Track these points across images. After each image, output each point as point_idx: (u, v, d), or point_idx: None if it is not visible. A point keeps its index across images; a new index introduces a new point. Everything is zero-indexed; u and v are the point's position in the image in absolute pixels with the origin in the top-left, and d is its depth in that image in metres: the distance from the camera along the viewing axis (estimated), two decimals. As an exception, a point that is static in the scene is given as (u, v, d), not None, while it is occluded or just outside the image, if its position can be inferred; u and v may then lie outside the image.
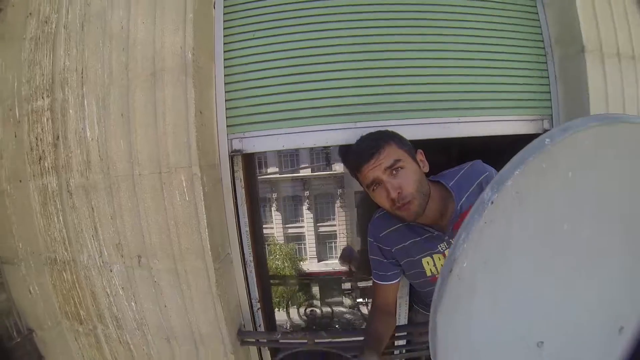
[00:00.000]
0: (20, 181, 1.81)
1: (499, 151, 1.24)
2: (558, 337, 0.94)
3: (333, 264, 16.27)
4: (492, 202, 0.71)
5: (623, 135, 0.82)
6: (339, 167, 12.33)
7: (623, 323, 0.99)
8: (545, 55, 1.85)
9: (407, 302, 2.00)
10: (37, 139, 1.79)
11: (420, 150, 1.49)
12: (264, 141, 1.75)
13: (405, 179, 1.35)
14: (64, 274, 1.85)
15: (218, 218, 1.73)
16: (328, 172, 15.17)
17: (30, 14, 1.81)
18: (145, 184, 1.63)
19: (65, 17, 1.74)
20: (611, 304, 0.96)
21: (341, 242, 17.29)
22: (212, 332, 1.69)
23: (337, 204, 17.15)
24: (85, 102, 1.70)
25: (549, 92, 1.85)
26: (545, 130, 1.81)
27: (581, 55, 1.69)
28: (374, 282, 1.66)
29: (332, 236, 18.38)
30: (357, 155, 1.43)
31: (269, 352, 2.02)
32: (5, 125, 1.81)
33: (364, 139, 1.47)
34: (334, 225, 18.08)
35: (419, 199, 1.34)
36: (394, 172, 1.35)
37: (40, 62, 1.77)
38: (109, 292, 1.79)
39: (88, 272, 1.80)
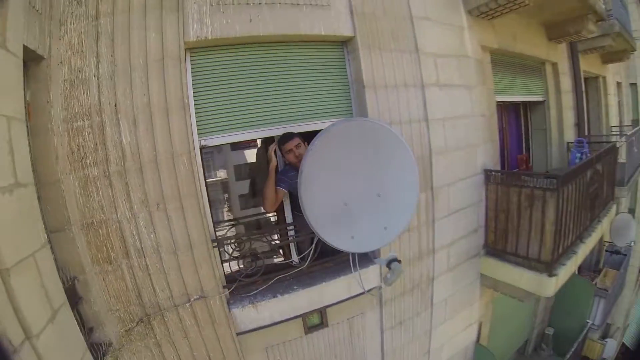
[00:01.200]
0: (66, 173, 2.91)
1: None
2: (353, 200, 3.16)
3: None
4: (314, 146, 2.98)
5: (358, 127, 3.24)
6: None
7: (378, 192, 3.33)
8: (349, 88, 4.21)
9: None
10: (78, 146, 2.95)
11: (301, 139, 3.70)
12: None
13: (302, 150, 3.50)
14: (100, 230, 3.04)
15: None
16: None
17: (61, 62, 2.90)
18: (162, 163, 3.15)
19: (96, 69, 2.98)
20: (370, 183, 3.26)
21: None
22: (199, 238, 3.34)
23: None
24: (120, 122, 3.04)
25: (351, 108, 4.22)
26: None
27: (364, 89, 4.06)
28: (276, 189, 3.80)
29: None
30: (286, 138, 3.62)
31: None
32: (46, 137, 2.85)
33: (287, 134, 3.68)
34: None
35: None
36: (298, 146, 3.53)
37: (78, 97, 2.94)
38: (134, 233, 3.12)
39: (120, 224, 3.08)
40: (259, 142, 5.24)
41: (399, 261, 3.24)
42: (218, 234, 3.73)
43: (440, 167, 4.73)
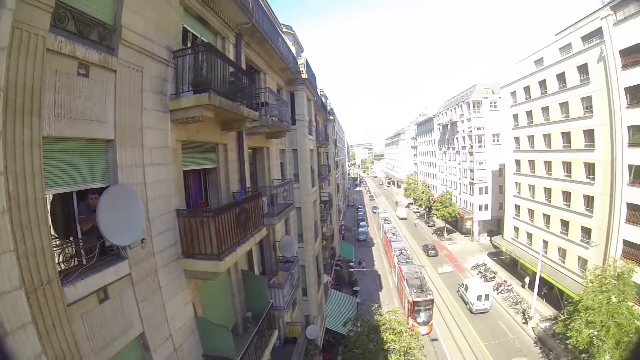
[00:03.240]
0: None
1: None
2: (120, 220, 7.28)
3: None
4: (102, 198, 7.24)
5: (120, 188, 7.67)
6: None
7: (129, 217, 7.35)
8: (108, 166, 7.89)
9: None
10: None
11: None
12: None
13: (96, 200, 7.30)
14: None
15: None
16: None
17: None
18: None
19: None
20: (127, 213, 7.43)
21: None
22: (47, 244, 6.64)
23: None
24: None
25: (111, 177, 7.93)
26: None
27: (116, 167, 7.92)
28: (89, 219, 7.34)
29: None
30: (91, 192, 7.48)
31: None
32: None
33: (91, 189, 7.45)
34: None
35: None
36: (95, 198, 7.41)
37: None
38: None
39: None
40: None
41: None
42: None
43: (154, 206, 8.97)
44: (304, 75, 27.89)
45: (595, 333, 29.37)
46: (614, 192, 38.78)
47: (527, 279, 53.64)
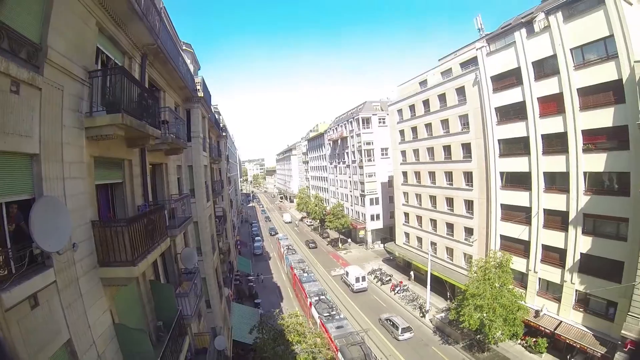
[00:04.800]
0: None
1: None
2: (49, 228, 7.80)
3: None
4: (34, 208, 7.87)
5: (48, 199, 8.35)
6: None
7: (57, 225, 8.01)
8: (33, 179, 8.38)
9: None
10: None
11: None
12: None
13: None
14: None
15: None
16: None
17: None
18: None
19: None
20: (57, 220, 7.99)
21: None
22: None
23: None
24: None
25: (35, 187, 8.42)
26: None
27: (42, 180, 8.42)
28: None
29: None
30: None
31: None
32: None
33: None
34: None
35: None
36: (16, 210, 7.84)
37: None
38: None
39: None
40: None
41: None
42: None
43: (73, 217, 9.32)
44: (200, 94, 29.04)
45: (485, 315, 34.92)
46: (490, 196, 44.95)
47: (412, 273, 62.38)
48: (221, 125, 57.03)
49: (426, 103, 55.79)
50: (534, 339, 37.97)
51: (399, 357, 40.05)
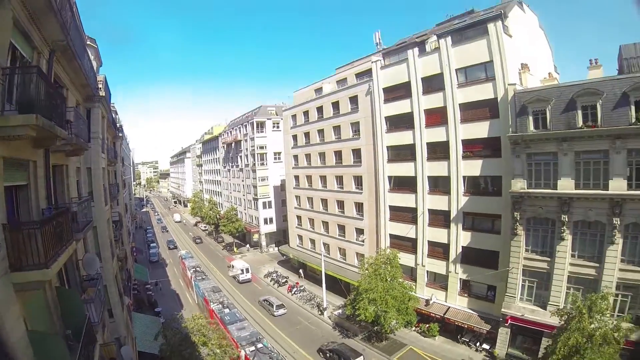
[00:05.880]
0: None
1: None
2: None
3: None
4: None
5: None
6: None
7: None
8: None
9: None
10: None
11: None
12: None
13: None
14: None
15: None
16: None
17: None
18: None
19: None
20: None
21: None
22: None
23: None
24: None
25: None
26: None
27: None
28: None
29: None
30: None
31: None
32: None
33: None
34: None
35: None
36: None
37: None
38: None
39: None
40: None
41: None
42: None
43: None
44: (102, 93, 26.37)
45: (379, 307, 36.09)
46: (379, 198, 46.48)
47: (300, 272, 63.41)
48: (118, 125, 52.28)
49: (320, 110, 56.07)
50: (427, 325, 39.91)
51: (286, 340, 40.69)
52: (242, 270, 63.74)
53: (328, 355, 37.52)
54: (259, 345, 35.06)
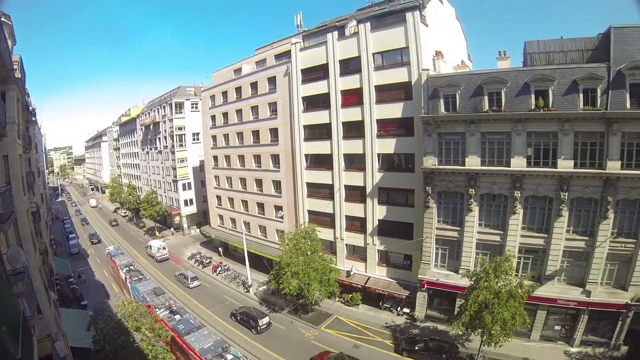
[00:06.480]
0: None
1: None
2: None
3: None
4: None
5: None
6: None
7: None
8: None
9: None
10: None
11: None
12: None
13: None
14: None
15: None
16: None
17: None
18: None
19: None
20: None
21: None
22: None
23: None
24: None
25: None
26: None
27: None
28: None
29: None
30: None
31: None
32: None
33: None
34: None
35: None
36: None
37: None
38: None
39: None
40: None
41: None
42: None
43: None
44: (18, 74, 22.18)
45: (301, 280, 34.99)
46: (296, 176, 44.77)
47: (220, 250, 60.76)
48: (30, 108, 44.11)
49: (239, 90, 52.57)
50: (350, 295, 39.63)
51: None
52: (158, 248, 61.85)
53: (239, 317, 37.93)
54: (229, 357, 27.86)
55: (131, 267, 49.46)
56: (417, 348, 29.93)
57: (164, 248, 62.44)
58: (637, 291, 27.12)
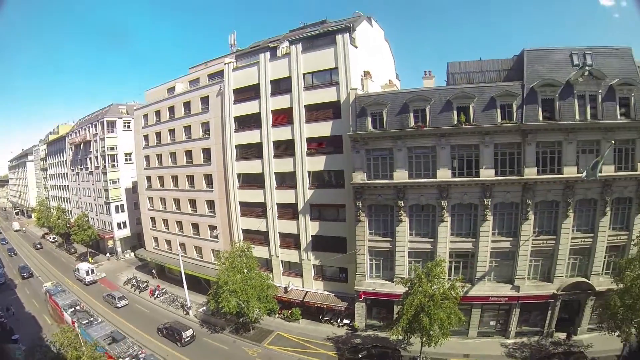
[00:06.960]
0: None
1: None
2: None
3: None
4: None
5: None
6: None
7: None
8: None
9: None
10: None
11: None
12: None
13: None
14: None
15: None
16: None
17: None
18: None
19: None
20: None
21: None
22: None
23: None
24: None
25: None
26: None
27: None
28: None
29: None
30: None
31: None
32: None
33: None
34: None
35: None
36: None
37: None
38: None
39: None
40: None
41: None
42: None
43: None
44: None
45: (240, 298, 32.89)
46: (229, 195, 42.32)
47: (153, 271, 56.58)
48: None
49: (172, 109, 49.20)
50: (290, 310, 37.95)
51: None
52: (87, 271, 56.50)
53: (164, 332, 36.71)
54: None
55: (77, 308, 41.43)
56: (360, 356, 29.27)
57: (92, 271, 57.02)
58: (562, 282, 29.22)
